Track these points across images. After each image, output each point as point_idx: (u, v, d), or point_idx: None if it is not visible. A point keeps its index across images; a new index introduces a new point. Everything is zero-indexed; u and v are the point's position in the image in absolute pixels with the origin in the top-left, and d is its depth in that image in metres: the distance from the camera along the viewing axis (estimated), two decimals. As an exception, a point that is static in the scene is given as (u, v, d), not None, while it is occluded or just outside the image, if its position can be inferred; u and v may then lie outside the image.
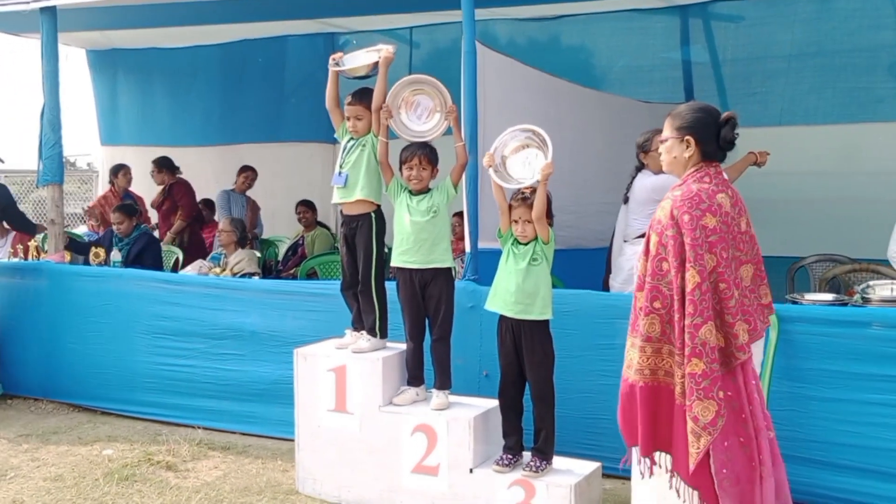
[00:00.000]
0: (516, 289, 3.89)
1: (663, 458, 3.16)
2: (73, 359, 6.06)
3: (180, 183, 8.31)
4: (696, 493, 3.08)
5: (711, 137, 3.19)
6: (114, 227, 7.07)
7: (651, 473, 3.18)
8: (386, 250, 4.52)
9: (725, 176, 3.27)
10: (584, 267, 6.18)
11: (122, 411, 5.85)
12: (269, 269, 7.92)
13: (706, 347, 3.00)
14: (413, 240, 4.22)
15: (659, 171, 5.06)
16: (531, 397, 3.99)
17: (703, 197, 3.10)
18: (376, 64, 4.36)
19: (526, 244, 3.94)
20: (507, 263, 3.97)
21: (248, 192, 8.68)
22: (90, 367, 6.01)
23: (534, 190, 3.91)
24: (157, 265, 6.94)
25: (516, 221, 3.92)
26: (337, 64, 4.45)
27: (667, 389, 3.12)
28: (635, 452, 3.26)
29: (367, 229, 4.38)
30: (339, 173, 4.39)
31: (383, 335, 4.42)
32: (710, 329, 3.02)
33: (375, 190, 4.38)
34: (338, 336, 4.58)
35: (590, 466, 4.08)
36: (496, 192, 4.03)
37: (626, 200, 5.33)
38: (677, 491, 3.11)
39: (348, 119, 4.40)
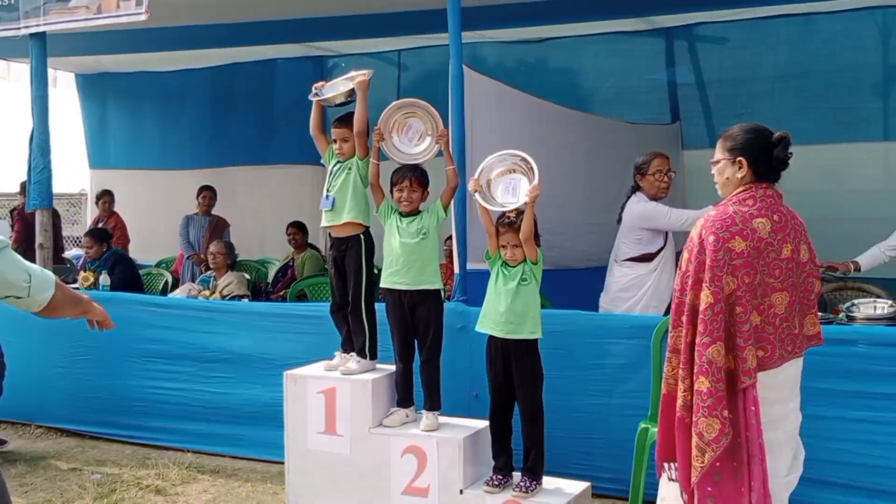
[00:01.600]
0: (506, 309, 3.91)
1: (672, 468, 3.22)
2: (63, 383, 6.04)
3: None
4: None
5: (764, 158, 3.22)
6: (84, 251, 7.19)
7: (673, 479, 3.24)
8: (375, 272, 4.55)
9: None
10: (571, 287, 6.21)
11: (111, 435, 5.83)
12: (258, 292, 7.91)
13: (713, 366, 3.05)
14: (403, 261, 4.24)
15: (653, 196, 5.11)
16: (521, 417, 4.01)
17: (737, 220, 3.13)
18: (353, 90, 4.40)
19: (515, 266, 3.97)
20: (497, 284, 4.00)
21: (225, 213, 8.80)
22: (79, 390, 5.99)
23: (519, 213, 3.94)
24: (128, 280, 7.02)
25: (504, 246, 3.95)
26: (317, 94, 4.49)
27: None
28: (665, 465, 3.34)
29: (357, 251, 4.40)
30: (327, 196, 4.42)
31: (373, 357, 4.43)
32: (719, 349, 3.06)
33: (363, 212, 4.41)
34: (327, 358, 4.58)
35: (579, 486, 4.08)
36: (482, 214, 4.06)
37: (619, 221, 5.38)
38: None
39: (335, 141, 4.44)
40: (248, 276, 7.37)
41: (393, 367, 4.39)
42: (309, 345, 5.12)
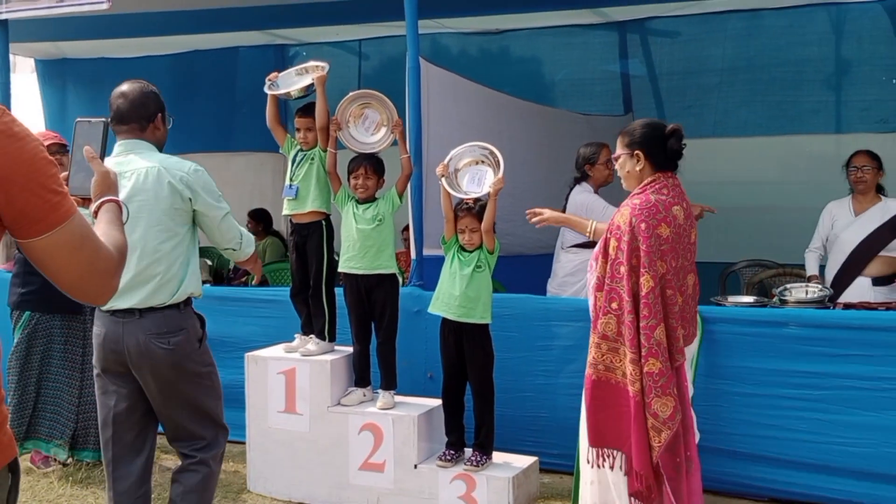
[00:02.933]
0: (460, 293, 4.10)
1: (618, 457, 3.37)
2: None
3: None
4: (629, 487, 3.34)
5: (659, 150, 3.46)
6: None
7: (598, 465, 3.40)
8: (336, 257, 4.71)
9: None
10: (524, 273, 6.43)
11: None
12: (220, 277, 8.02)
13: (661, 347, 3.27)
14: (359, 247, 4.41)
15: (601, 185, 5.33)
16: (472, 396, 4.21)
17: (660, 208, 3.36)
18: (310, 85, 4.53)
19: (471, 251, 4.15)
20: (452, 268, 4.18)
21: None
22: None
23: (477, 200, 4.13)
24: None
25: (462, 231, 4.13)
26: (271, 85, 4.62)
27: (622, 389, 3.35)
28: (583, 445, 3.49)
29: (318, 237, 4.56)
30: (290, 186, 4.57)
31: (332, 339, 4.60)
32: (663, 330, 3.28)
33: (325, 200, 4.57)
34: (287, 341, 4.74)
35: (528, 461, 4.31)
36: (444, 199, 4.24)
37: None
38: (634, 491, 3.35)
39: (298, 131, 4.58)
40: (209, 262, 7.48)
41: (351, 349, 4.56)
42: (269, 328, 5.25)
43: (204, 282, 6.47)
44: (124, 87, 3.38)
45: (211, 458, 3.35)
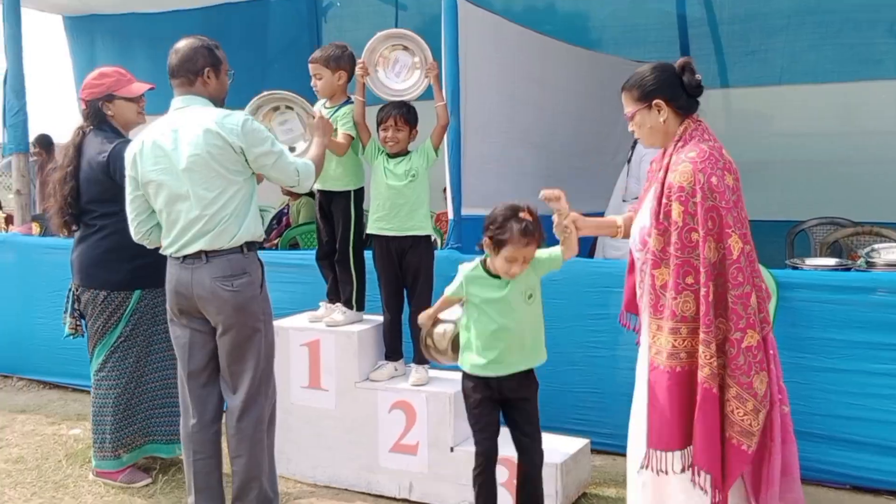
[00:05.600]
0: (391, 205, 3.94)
1: (685, 457, 2.87)
2: (45, 334, 5.82)
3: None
4: (709, 477, 2.83)
5: (679, 91, 2.94)
6: None
7: (662, 471, 2.88)
8: (365, 219, 4.26)
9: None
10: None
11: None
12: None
13: (757, 317, 2.77)
14: (390, 205, 3.97)
15: None
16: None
17: (717, 155, 2.85)
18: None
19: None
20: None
21: None
22: (62, 342, 5.71)
23: (538, 229, 3.16)
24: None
25: (512, 261, 3.09)
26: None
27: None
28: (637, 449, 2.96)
29: (345, 198, 4.12)
30: None
31: (360, 308, 4.17)
32: (755, 297, 2.78)
33: (352, 176, 4.14)
34: (314, 309, 4.33)
35: (577, 443, 3.87)
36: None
37: (629, 159, 5.09)
38: (700, 486, 2.83)
39: (315, 76, 4.14)
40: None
41: (381, 319, 4.14)
42: (296, 294, 4.87)
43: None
44: (179, 42, 3.48)
45: (250, 424, 3.39)
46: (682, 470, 2.83)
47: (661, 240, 2.85)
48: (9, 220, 6.59)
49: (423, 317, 3.34)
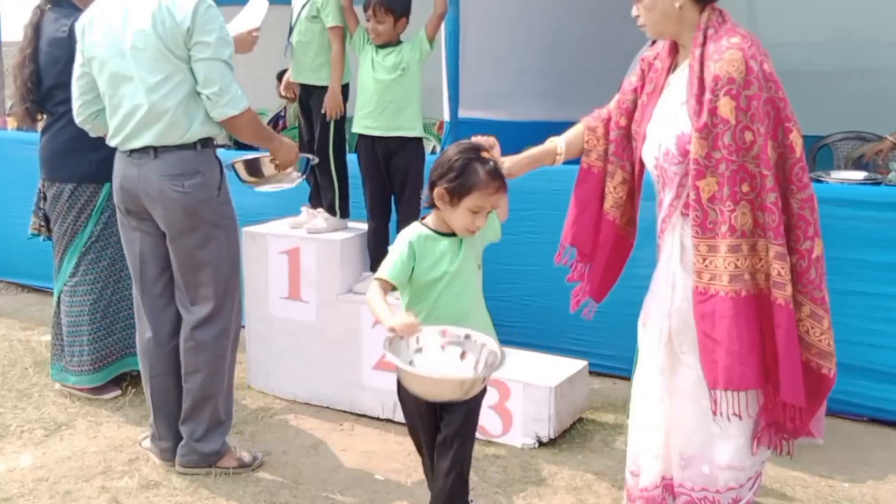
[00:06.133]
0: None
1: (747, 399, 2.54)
2: (20, 234, 5.51)
3: None
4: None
5: None
6: None
7: (730, 417, 2.55)
8: (349, 118, 3.91)
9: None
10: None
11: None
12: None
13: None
14: (377, 101, 3.62)
15: None
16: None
17: (755, 41, 2.45)
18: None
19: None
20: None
21: None
22: (39, 244, 5.45)
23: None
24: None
25: (478, 211, 2.47)
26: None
27: (769, 300, 2.43)
28: (728, 397, 2.48)
29: (325, 92, 3.75)
30: (287, 43, 3.81)
31: (343, 214, 3.85)
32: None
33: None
34: (295, 215, 4.02)
35: (575, 365, 3.60)
36: None
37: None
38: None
39: None
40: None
41: (366, 227, 3.83)
42: (281, 199, 4.53)
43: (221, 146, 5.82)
44: None
45: (212, 336, 3.09)
46: (741, 415, 2.51)
47: (703, 144, 2.44)
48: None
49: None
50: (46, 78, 3.72)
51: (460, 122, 4.41)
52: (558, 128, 5.41)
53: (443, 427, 2.51)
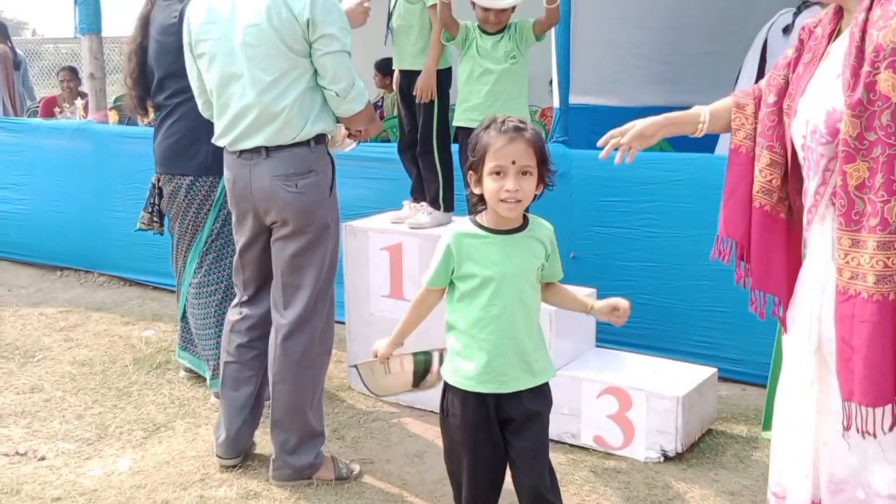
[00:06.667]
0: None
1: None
2: (124, 229, 5.50)
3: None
4: None
5: None
6: None
7: (867, 433, 2.23)
8: (452, 106, 3.69)
9: None
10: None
11: (175, 287, 5.31)
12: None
13: None
14: (486, 92, 3.37)
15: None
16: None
17: None
18: None
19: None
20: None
21: None
22: (142, 238, 5.43)
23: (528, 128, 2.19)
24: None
25: (502, 173, 2.10)
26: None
27: None
28: (862, 412, 2.22)
29: (429, 78, 3.54)
30: (388, 28, 3.59)
31: (448, 208, 3.63)
32: None
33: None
34: (396, 208, 3.82)
35: (703, 372, 3.28)
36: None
37: (765, 45, 4.32)
38: None
39: None
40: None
41: (472, 220, 3.59)
42: (382, 192, 4.38)
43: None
44: None
45: (301, 347, 2.89)
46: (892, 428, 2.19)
47: (856, 123, 2.10)
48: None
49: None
50: (158, 69, 3.59)
51: (571, 109, 4.13)
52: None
53: (515, 443, 2.22)
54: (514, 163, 2.05)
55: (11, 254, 6.15)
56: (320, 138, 2.85)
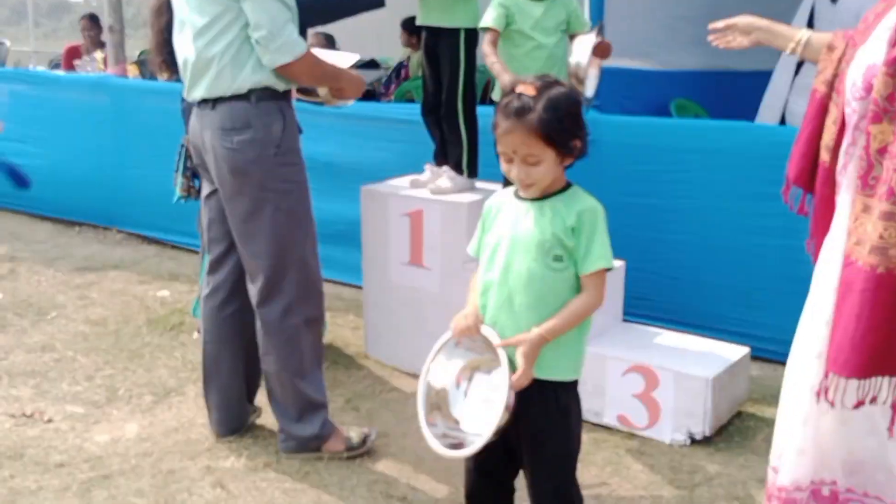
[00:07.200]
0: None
1: (887, 386, 2.10)
2: (143, 187, 5.43)
3: None
4: None
5: None
6: None
7: (861, 403, 2.13)
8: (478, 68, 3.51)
9: None
10: (729, 94, 5.00)
11: (194, 246, 5.21)
12: (371, 94, 7.03)
13: None
14: (539, 68, 3.12)
15: None
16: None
17: None
18: None
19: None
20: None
21: None
22: (161, 195, 5.33)
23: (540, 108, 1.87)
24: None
25: (504, 157, 1.95)
26: None
27: None
28: (835, 381, 2.13)
29: (454, 37, 3.36)
30: None
31: (472, 174, 3.47)
32: None
33: (463, 11, 3.35)
34: (418, 172, 3.67)
35: (736, 352, 3.13)
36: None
37: (796, 72, 4.11)
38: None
39: None
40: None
41: (496, 187, 3.44)
42: (405, 155, 4.22)
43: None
44: None
45: (276, 316, 2.73)
46: (859, 405, 2.08)
47: (889, 83, 1.95)
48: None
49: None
50: None
51: (604, 72, 3.94)
52: (713, 78, 4.87)
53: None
54: (515, 152, 1.88)
55: (29, 208, 6.10)
56: (266, 92, 2.62)
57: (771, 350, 3.51)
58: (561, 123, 1.85)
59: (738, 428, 3.07)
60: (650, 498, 2.66)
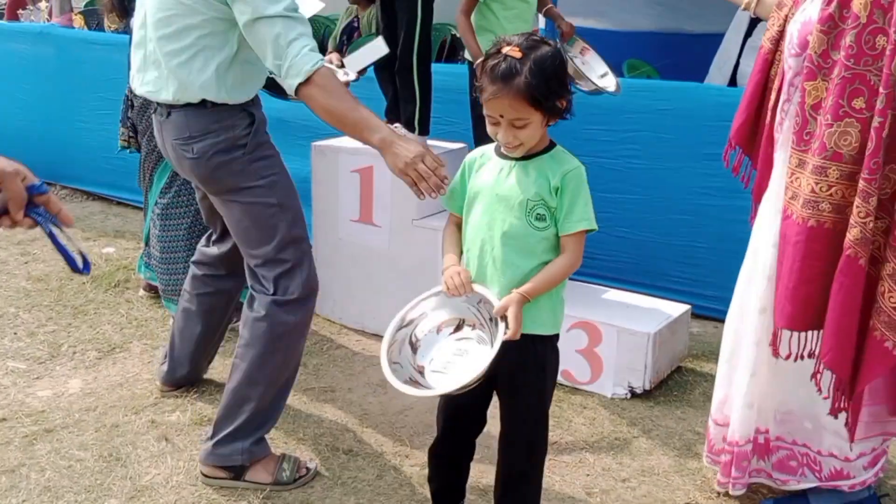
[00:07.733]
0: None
1: (815, 339, 2.18)
2: (89, 142, 5.34)
3: None
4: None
5: None
6: None
7: (796, 357, 2.20)
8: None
9: None
10: (680, 56, 5.03)
11: (140, 203, 5.14)
12: (322, 51, 6.92)
13: None
14: (513, 30, 3.10)
15: None
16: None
17: None
18: None
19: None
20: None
21: None
22: (106, 150, 5.25)
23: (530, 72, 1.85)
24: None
25: (491, 121, 1.94)
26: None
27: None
28: (785, 335, 2.19)
29: (412, -11, 3.33)
30: None
31: (423, 131, 3.46)
32: None
33: None
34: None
35: (676, 309, 3.20)
36: None
37: (747, 34, 4.14)
38: (821, 387, 2.15)
39: None
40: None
41: (449, 145, 3.45)
42: (354, 111, 4.18)
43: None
44: None
45: (266, 304, 2.46)
46: (798, 357, 2.16)
47: (823, 39, 2.01)
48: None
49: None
50: None
51: (557, 33, 3.94)
52: (667, 40, 4.88)
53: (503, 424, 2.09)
54: (502, 116, 1.88)
55: (-30, 162, 5.94)
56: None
57: (711, 308, 3.59)
58: (548, 86, 1.85)
59: (678, 382, 3.16)
60: (591, 449, 2.73)
